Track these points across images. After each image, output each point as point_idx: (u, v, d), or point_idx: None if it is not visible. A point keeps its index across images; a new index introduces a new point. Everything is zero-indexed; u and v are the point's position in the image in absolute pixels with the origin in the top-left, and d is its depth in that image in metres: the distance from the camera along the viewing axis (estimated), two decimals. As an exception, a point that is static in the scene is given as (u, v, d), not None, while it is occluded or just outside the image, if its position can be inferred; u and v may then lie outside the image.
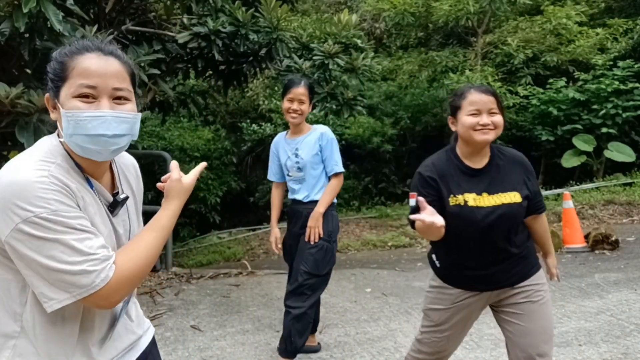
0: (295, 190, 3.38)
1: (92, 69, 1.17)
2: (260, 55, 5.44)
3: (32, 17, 3.68)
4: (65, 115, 1.16)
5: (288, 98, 3.27)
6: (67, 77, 1.17)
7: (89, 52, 1.19)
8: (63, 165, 1.18)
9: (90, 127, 1.14)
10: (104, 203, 1.26)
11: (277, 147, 3.47)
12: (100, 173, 1.28)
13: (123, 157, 1.44)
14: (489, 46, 10.03)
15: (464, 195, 2.11)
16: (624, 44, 10.53)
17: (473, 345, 3.58)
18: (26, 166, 1.11)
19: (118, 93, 1.19)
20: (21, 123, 3.77)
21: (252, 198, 12.06)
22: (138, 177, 1.47)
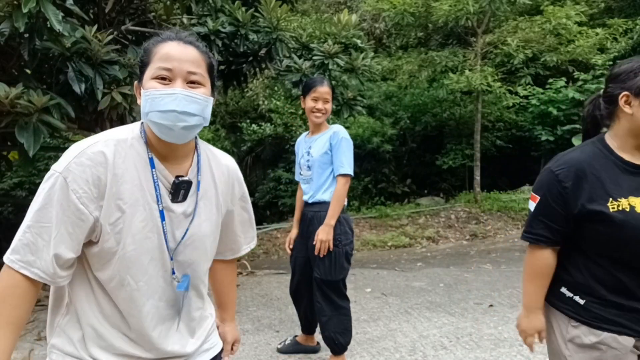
0: (305, 191, 3.32)
1: (170, 53, 1.25)
2: (260, 55, 5.44)
3: (31, 17, 3.68)
4: (144, 94, 1.24)
5: (312, 97, 3.19)
6: (149, 62, 1.27)
7: (170, 41, 1.28)
8: (129, 142, 1.26)
9: (162, 103, 1.21)
10: (163, 185, 1.29)
11: (298, 146, 3.43)
12: (175, 156, 1.32)
13: (218, 156, 1.46)
14: (489, 46, 10.02)
15: (629, 199, 1.59)
16: (624, 44, 10.53)
17: (473, 345, 3.58)
18: (91, 138, 1.25)
19: (192, 77, 1.26)
20: (21, 123, 3.76)
21: (252, 198, 12.04)
22: (230, 180, 1.46)
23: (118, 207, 1.22)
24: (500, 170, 11.40)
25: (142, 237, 1.25)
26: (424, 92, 11.42)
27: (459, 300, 4.69)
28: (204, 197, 1.37)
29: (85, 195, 1.19)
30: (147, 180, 1.26)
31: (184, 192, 1.31)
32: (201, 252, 1.38)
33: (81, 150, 1.21)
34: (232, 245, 1.58)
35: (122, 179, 1.22)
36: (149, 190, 1.26)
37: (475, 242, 8.05)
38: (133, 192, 1.24)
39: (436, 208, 9.74)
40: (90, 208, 1.20)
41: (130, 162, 1.24)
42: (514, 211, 8.99)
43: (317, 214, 3.17)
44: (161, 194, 1.28)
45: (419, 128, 11.55)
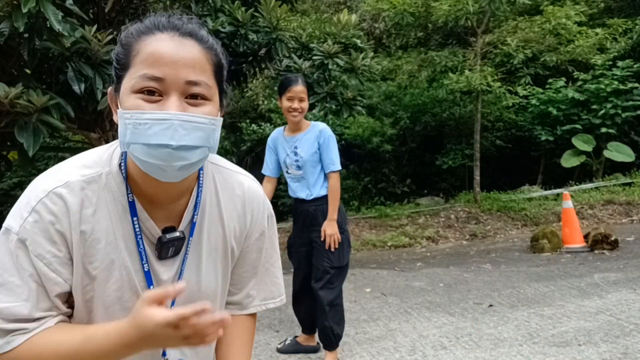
0: (296, 189, 3.39)
1: (159, 53, 0.85)
2: (259, 55, 5.44)
3: (31, 17, 3.68)
4: (122, 116, 0.86)
5: (287, 97, 3.24)
6: (129, 65, 0.88)
7: (160, 32, 0.88)
8: (103, 180, 0.93)
9: (150, 133, 0.83)
10: (147, 238, 0.97)
11: (275, 142, 3.45)
12: (167, 197, 0.96)
13: (231, 182, 1.07)
14: (489, 46, 10.02)
15: None
16: (624, 44, 10.53)
17: (473, 345, 3.58)
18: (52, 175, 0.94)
19: (192, 89, 0.87)
20: (20, 123, 3.77)
21: (252, 198, 12.06)
22: (244, 214, 1.08)
23: (86, 272, 0.92)
24: (500, 170, 11.39)
25: (118, 308, 0.94)
26: (424, 92, 11.41)
27: (458, 300, 4.69)
28: (204, 244, 1.03)
29: (55, 259, 0.89)
30: (125, 234, 0.94)
31: (175, 248, 0.98)
32: None
33: (38, 199, 0.89)
34: (238, 296, 1.15)
35: (92, 237, 0.91)
36: (128, 248, 0.94)
37: (475, 242, 8.05)
38: (107, 253, 0.92)
39: (436, 208, 9.74)
40: (64, 275, 0.90)
41: (103, 212, 0.92)
42: (513, 211, 8.99)
43: (320, 208, 3.30)
44: (146, 251, 0.96)
45: (418, 128, 11.54)
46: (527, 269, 5.73)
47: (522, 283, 5.09)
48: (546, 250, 6.49)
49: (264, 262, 1.15)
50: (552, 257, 6.28)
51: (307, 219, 3.35)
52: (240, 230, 1.08)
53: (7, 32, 3.68)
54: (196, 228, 1.01)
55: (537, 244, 6.64)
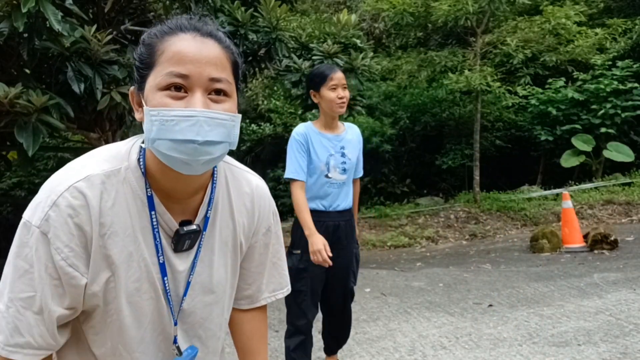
0: (334, 197, 2.82)
1: (184, 52, 0.91)
2: (259, 55, 5.44)
3: (31, 17, 3.68)
4: (148, 113, 0.90)
5: (330, 86, 2.74)
6: (154, 64, 0.92)
7: (183, 32, 0.94)
8: (122, 174, 0.96)
9: (177, 130, 0.88)
10: (164, 231, 1.00)
11: (309, 139, 2.80)
12: (184, 192, 1.00)
13: (240, 180, 1.12)
14: (488, 46, 10.02)
15: None
16: (623, 44, 10.54)
17: (472, 345, 3.58)
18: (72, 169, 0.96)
19: (216, 85, 0.92)
20: (20, 123, 3.77)
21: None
22: (253, 210, 1.13)
23: (107, 266, 0.95)
24: (499, 170, 11.40)
25: (137, 299, 0.98)
26: (424, 92, 11.41)
27: (458, 300, 4.69)
28: (216, 238, 1.07)
29: (72, 254, 0.91)
30: (142, 227, 0.97)
31: (190, 241, 1.02)
32: (215, 307, 1.10)
33: (59, 193, 0.91)
34: (248, 291, 1.20)
35: (111, 230, 0.94)
36: (145, 240, 0.98)
37: (474, 242, 8.05)
38: (125, 245, 0.96)
39: (435, 208, 9.74)
40: (80, 269, 0.93)
41: (122, 206, 0.95)
42: (513, 211, 9.00)
43: (349, 222, 2.91)
44: (162, 243, 1.00)
45: (418, 128, 11.55)
46: (526, 269, 5.73)
47: (522, 283, 5.09)
48: (546, 250, 6.49)
49: (272, 256, 1.20)
50: (552, 257, 6.28)
51: (335, 235, 2.82)
52: (249, 225, 1.13)
53: (6, 32, 3.68)
54: (209, 223, 1.05)
55: (536, 244, 6.64)
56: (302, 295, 2.76)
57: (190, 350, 1.07)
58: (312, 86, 2.84)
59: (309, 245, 2.66)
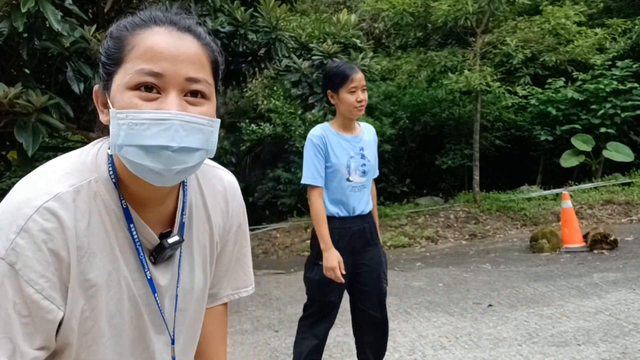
0: (354, 200, 2.68)
1: (158, 47, 0.80)
2: (259, 55, 5.45)
3: (30, 17, 3.68)
4: (115, 116, 0.79)
5: (350, 89, 2.60)
6: (122, 60, 0.81)
7: (157, 26, 0.82)
8: (93, 188, 0.85)
9: (148, 134, 0.77)
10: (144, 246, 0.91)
11: (327, 141, 2.64)
12: (156, 200, 0.91)
13: (212, 179, 1.04)
14: (488, 46, 10.03)
15: None
16: (623, 44, 10.54)
17: (472, 345, 3.58)
18: (34, 186, 0.84)
19: (192, 86, 0.82)
20: (20, 123, 3.77)
21: (251, 198, 12.04)
22: (226, 208, 1.06)
23: (84, 292, 0.84)
24: (499, 170, 11.40)
25: (120, 321, 0.88)
26: (423, 92, 11.41)
27: (458, 300, 4.69)
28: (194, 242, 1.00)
29: (48, 284, 0.79)
30: (120, 243, 0.87)
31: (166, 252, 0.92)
32: (196, 312, 1.03)
33: (27, 217, 0.78)
34: (212, 290, 1.11)
35: (89, 252, 0.83)
36: (124, 257, 0.88)
37: (474, 242, 8.05)
38: (104, 265, 0.85)
39: (435, 208, 9.74)
40: (57, 301, 0.81)
41: (97, 224, 0.85)
42: (513, 211, 9.00)
43: (372, 224, 2.81)
44: (145, 259, 0.90)
45: (418, 128, 11.55)
46: (526, 269, 5.73)
47: (522, 283, 5.09)
48: (545, 250, 6.49)
49: (237, 253, 1.13)
50: (552, 257, 6.28)
51: (362, 239, 2.71)
52: (224, 224, 1.06)
53: (6, 32, 3.69)
54: (186, 228, 0.96)
55: (536, 244, 6.64)
56: (331, 305, 2.70)
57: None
58: (331, 86, 2.68)
59: (324, 260, 2.57)
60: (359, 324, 2.85)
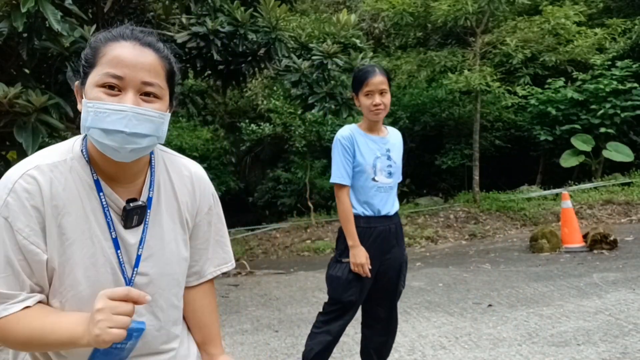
0: (380, 202, 2.72)
1: (122, 57, 1.05)
2: (259, 55, 5.44)
3: (30, 17, 3.68)
4: (85, 104, 1.06)
5: (365, 92, 2.65)
6: (95, 64, 1.08)
7: (124, 40, 1.08)
8: (68, 163, 1.10)
9: (108, 120, 1.03)
10: (113, 210, 1.12)
11: (354, 141, 2.69)
12: (125, 176, 1.14)
13: (179, 165, 1.26)
14: (488, 46, 10.03)
15: None
16: (623, 44, 10.54)
17: (472, 345, 3.58)
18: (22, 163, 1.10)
19: (147, 88, 1.06)
20: (19, 123, 3.76)
21: (251, 198, 12.04)
22: (194, 191, 1.26)
23: (61, 244, 1.07)
24: (499, 170, 11.41)
25: (94, 272, 1.09)
26: (423, 92, 11.42)
27: (457, 300, 4.69)
28: (163, 215, 1.19)
29: (32, 232, 1.04)
30: (93, 208, 1.10)
31: (138, 217, 1.14)
32: (171, 278, 1.20)
33: (14, 181, 1.05)
34: (195, 267, 1.30)
35: (64, 211, 1.07)
36: (97, 219, 1.10)
37: (474, 242, 8.06)
38: (78, 224, 1.08)
39: (435, 208, 9.74)
40: (41, 246, 1.05)
41: (72, 190, 1.08)
42: (512, 211, 9.00)
43: (398, 224, 2.83)
44: (113, 221, 1.11)
45: (418, 128, 11.55)
46: (526, 269, 5.73)
47: (521, 283, 5.09)
48: (545, 250, 6.50)
49: (214, 235, 1.32)
50: (551, 257, 6.28)
51: (387, 239, 2.73)
52: (192, 204, 1.25)
53: (6, 32, 3.68)
54: (154, 202, 1.18)
55: (536, 244, 6.64)
56: (351, 304, 2.70)
57: (136, 324, 1.09)
58: (354, 89, 2.76)
59: (351, 257, 2.62)
60: (369, 323, 2.88)
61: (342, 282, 2.65)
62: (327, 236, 8.97)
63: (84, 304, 1.07)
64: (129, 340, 1.08)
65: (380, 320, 2.85)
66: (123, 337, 1.00)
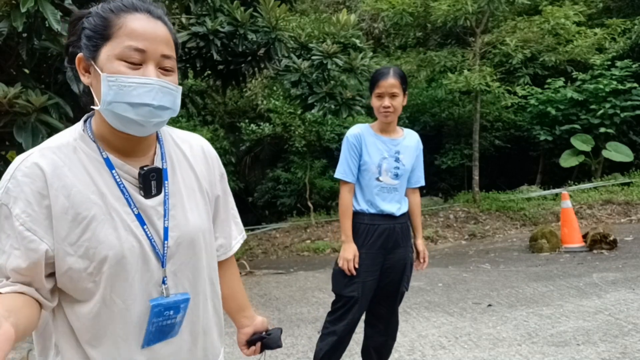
0: (383, 201, 2.73)
1: (141, 30, 1.03)
2: (258, 55, 5.44)
3: (30, 17, 3.67)
4: (106, 79, 1.01)
5: (377, 94, 2.69)
6: (110, 36, 1.03)
7: (137, 12, 1.05)
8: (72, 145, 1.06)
9: (135, 94, 1.01)
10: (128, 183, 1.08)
11: (362, 140, 2.74)
12: (135, 151, 1.11)
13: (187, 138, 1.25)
14: (488, 46, 10.03)
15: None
16: (622, 44, 10.55)
17: (472, 345, 3.58)
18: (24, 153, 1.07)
19: (165, 62, 1.06)
20: (19, 123, 3.76)
21: (251, 198, 12.04)
22: (208, 160, 1.25)
23: (77, 224, 1.01)
24: (499, 170, 11.41)
25: (120, 249, 1.04)
26: (423, 92, 11.42)
27: (457, 300, 4.69)
28: (181, 185, 1.16)
29: (29, 219, 0.99)
30: (107, 185, 1.05)
31: (156, 182, 1.10)
32: (198, 248, 1.16)
33: (15, 169, 1.02)
34: (220, 240, 1.30)
35: (74, 189, 1.02)
36: (113, 194, 1.05)
37: (473, 242, 8.06)
38: (92, 201, 1.03)
39: (435, 208, 9.74)
40: (39, 233, 1.00)
41: (80, 169, 1.04)
42: (512, 211, 9.00)
43: (405, 226, 2.83)
44: (131, 195, 1.07)
45: (417, 128, 11.54)
46: (525, 269, 5.73)
47: (521, 283, 5.10)
48: (545, 250, 6.50)
49: (230, 206, 1.33)
50: (551, 256, 6.28)
51: (391, 238, 2.74)
52: (207, 171, 1.24)
53: (5, 32, 3.68)
54: (169, 173, 1.15)
55: (535, 244, 6.65)
56: (352, 300, 2.71)
57: (180, 295, 1.11)
58: (369, 90, 2.80)
59: (341, 251, 2.68)
60: (371, 321, 2.89)
61: (345, 277, 2.69)
62: (326, 236, 8.97)
63: (115, 283, 1.03)
64: (177, 313, 1.10)
65: (382, 319, 2.87)
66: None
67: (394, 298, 2.85)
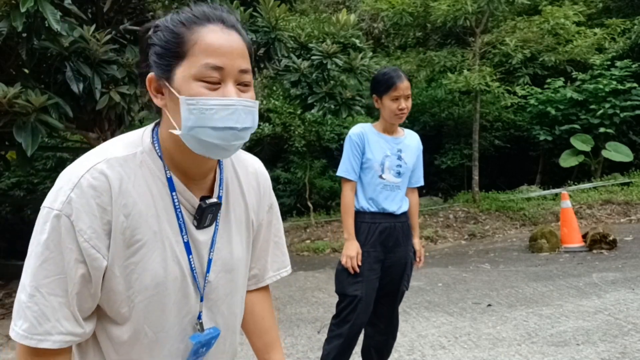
0: (384, 199, 2.74)
1: (217, 44, 0.94)
2: (258, 55, 5.43)
3: (29, 17, 3.67)
4: (186, 102, 0.92)
5: (393, 97, 2.67)
6: (185, 54, 0.93)
7: (210, 23, 0.95)
8: (138, 158, 0.98)
9: (217, 118, 0.92)
10: (185, 209, 1.02)
11: (365, 138, 2.75)
12: (201, 173, 1.04)
13: (245, 160, 1.17)
14: (487, 46, 10.04)
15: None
16: (622, 44, 10.55)
17: (471, 344, 3.58)
18: (89, 155, 0.98)
19: (243, 77, 0.96)
20: (19, 123, 3.76)
21: (251, 198, 12.04)
22: (260, 189, 1.18)
23: (128, 246, 0.96)
24: (498, 170, 11.41)
25: (163, 279, 0.99)
26: (423, 92, 11.42)
27: (457, 300, 4.69)
28: (232, 216, 1.10)
29: (95, 235, 0.92)
30: (165, 207, 0.99)
31: (212, 216, 1.04)
32: (236, 284, 1.11)
33: (80, 177, 0.92)
34: (254, 271, 1.22)
35: (135, 210, 0.95)
36: (168, 220, 0.99)
37: (473, 242, 8.06)
38: (149, 225, 0.97)
39: (435, 208, 9.74)
40: (102, 251, 0.93)
41: (143, 187, 0.97)
42: (512, 211, 9.00)
43: (405, 224, 2.84)
44: (185, 222, 1.01)
45: (417, 128, 11.54)
46: (525, 269, 5.73)
47: (521, 283, 5.10)
48: (545, 250, 6.50)
49: (274, 236, 1.24)
50: (551, 256, 6.28)
51: (392, 237, 2.75)
52: (257, 203, 1.17)
53: (5, 32, 3.68)
54: (223, 200, 1.08)
55: (535, 244, 6.65)
56: (356, 300, 2.70)
57: (213, 330, 1.07)
58: (376, 91, 2.76)
59: (344, 249, 2.69)
60: (371, 321, 2.88)
61: (346, 277, 2.70)
62: (326, 236, 8.97)
63: (150, 313, 0.98)
64: (208, 349, 1.07)
65: (383, 318, 2.87)
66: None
67: (395, 297, 2.86)
